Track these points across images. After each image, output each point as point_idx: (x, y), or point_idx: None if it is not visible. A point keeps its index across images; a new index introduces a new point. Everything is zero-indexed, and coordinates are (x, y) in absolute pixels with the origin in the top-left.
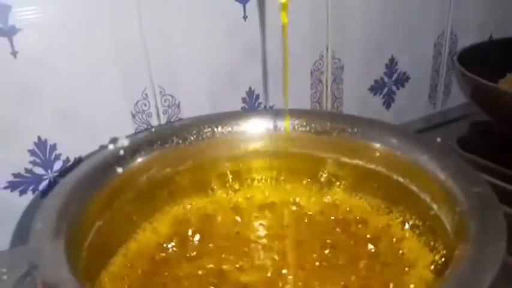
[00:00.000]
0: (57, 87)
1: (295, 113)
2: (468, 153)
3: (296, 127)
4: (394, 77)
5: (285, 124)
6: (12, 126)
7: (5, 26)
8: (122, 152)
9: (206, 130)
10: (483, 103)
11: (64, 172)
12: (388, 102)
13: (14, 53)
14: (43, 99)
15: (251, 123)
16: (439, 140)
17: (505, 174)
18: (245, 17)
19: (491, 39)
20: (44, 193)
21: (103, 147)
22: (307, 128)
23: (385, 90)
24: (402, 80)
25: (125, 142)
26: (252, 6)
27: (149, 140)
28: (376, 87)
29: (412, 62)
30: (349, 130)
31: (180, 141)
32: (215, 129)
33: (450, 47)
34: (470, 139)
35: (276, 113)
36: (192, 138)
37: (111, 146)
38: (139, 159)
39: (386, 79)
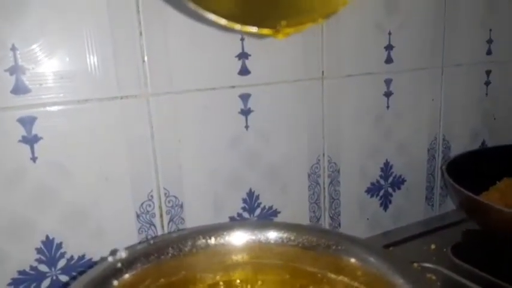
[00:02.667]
0: (69, 189)
1: (285, 227)
2: (461, 261)
3: (285, 240)
4: (390, 179)
5: None
6: (23, 225)
7: (29, 135)
8: (119, 265)
9: (200, 242)
10: (470, 214)
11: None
12: (385, 203)
13: (34, 159)
14: (55, 200)
15: (243, 235)
16: (433, 247)
17: (498, 286)
18: (247, 127)
19: (481, 148)
20: None
21: (103, 259)
22: (295, 242)
23: (382, 192)
24: (398, 182)
25: (123, 254)
26: (254, 116)
27: (146, 252)
28: (372, 190)
29: (407, 165)
30: (334, 247)
31: (175, 252)
32: (209, 241)
33: (444, 152)
34: (463, 247)
35: (267, 225)
36: (186, 249)
37: (110, 258)
38: (135, 271)
39: (382, 182)
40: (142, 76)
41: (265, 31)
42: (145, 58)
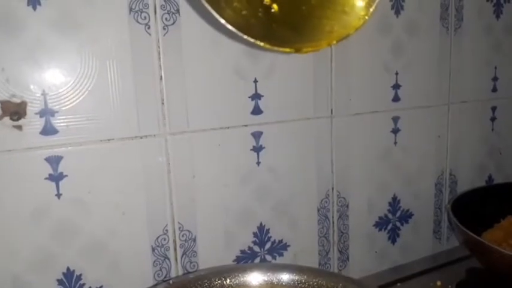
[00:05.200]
0: (89, 224)
1: (296, 270)
2: None
3: (296, 283)
4: (398, 214)
5: None
6: (46, 257)
7: (55, 173)
8: None
9: (216, 282)
10: (473, 253)
11: None
12: (393, 237)
13: (59, 195)
14: (76, 234)
15: (257, 276)
16: (439, 283)
17: None
18: (258, 163)
19: (486, 186)
20: None
21: None
22: (306, 285)
23: (390, 226)
24: (406, 216)
25: None
26: (265, 153)
27: None
28: (380, 223)
29: (414, 200)
30: None
31: None
32: (224, 282)
33: (450, 186)
34: (468, 285)
35: (280, 268)
36: None
37: None
38: None
39: (390, 216)
40: (162, 117)
41: (288, 50)
42: (165, 100)
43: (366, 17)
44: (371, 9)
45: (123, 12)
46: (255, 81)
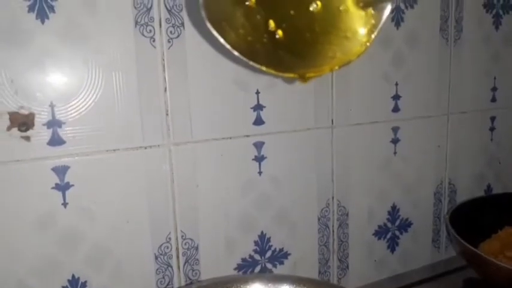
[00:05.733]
0: (94, 232)
1: (297, 281)
2: None
3: None
4: (397, 222)
5: None
6: (52, 265)
7: (62, 183)
8: None
9: None
10: (469, 264)
11: None
12: (392, 246)
13: (65, 204)
14: (81, 242)
15: (256, 286)
16: None
17: None
18: (260, 172)
19: (484, 196)
20: None
21: None
22: None
23: (389, 235)
24: (405, 225)
25: None
26: (267, 163)
27: None
28: (380, 232)
29: (413, 209)
30: None
31: None
32: None
33: (450, 196)
34: None
35: (280, 279)
36: None
37: None
38: None
39: (389, 225)
40: (166, 128)
41: (292, 75)
42: (169, 111)
43: (368, 44)
44: (373, 36)
45: (129, 26)
46: (257, 92)
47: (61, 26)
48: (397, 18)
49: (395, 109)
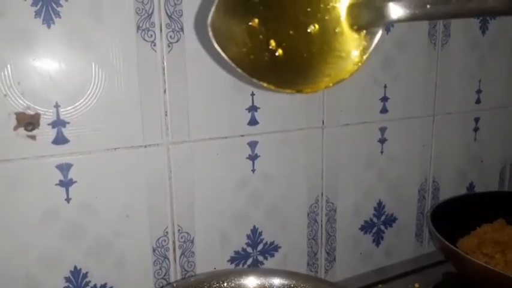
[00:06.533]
0: (95, 226)
1: (286, 275)
2: None
3: (286, 286)
4: (382, 218)
5: None
6: (55, 257)
7: (65, 179)
8: None
9: (215, 285)
10: (448, 259)
11: None
12: (377, 240)
13: (68, 200)
14: (83, 235)
15: (251, 280)
16: (417, 285)
17: None
18: (253, 170)
19: (464, 194)
20: None
21: None
22: None
23: (375, 229)
24: (390, 220)
25: None
26: (260, 161)
27: None
28: (366, 227)
29: (398, 205)
30: None
31: None
32: (222, 284)
33: (433, 193)
34: (444, 287)
35: (272, 273)
36: None
37: None
38: None
39: (375, 220)
40: (165, 127)
41: (290, 91)
42: (168, 112)
43: (360, 64)
44: (364, 57)
45: (131, 31)
46: (252, 94)
47: (66, 31)
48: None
49: (384, 110)
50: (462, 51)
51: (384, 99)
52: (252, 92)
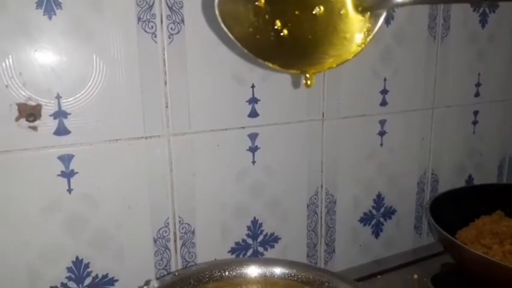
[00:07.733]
0: (97, 217)
1: (287, 264)
2: None
3: (287, 276)
4: (382, 210)
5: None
6: (57, 247)
7: (67, 170)
8: None
9: (216, 274)
10: (446, 250)
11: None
12: (376, 232)
13: (70, 190)
14: (85, 226)
15: (252, 269)
16: (415, 276)
17: None
18: (254, 162)
19: (463, 187)
20: None
21: None
22: (295, 278)
23: (374, 221)
24: (389, 212)
25: (155, 284)
26: (260, 153)
27: (173, 282)
28: (365, 219)
29: (397, 197)
30: (326, 284)
31: (195, 283)
32: (223, 273)
33: (432, 185)
34: (441, 278)
35: (273, 262)
36: (204, 280)
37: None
38: None
39: (374, 212)
40: (165, 119)
41: (294, 71)
42: (169, 104)
43: (363, 45)
44: (368, 38)
45: (132, 22)
46: (253, 86)
47: (68, 22)
48: (387, 15)
49: (383, 103)
50: (462, 44)
51: (384, 91)
52: (253, 84)
